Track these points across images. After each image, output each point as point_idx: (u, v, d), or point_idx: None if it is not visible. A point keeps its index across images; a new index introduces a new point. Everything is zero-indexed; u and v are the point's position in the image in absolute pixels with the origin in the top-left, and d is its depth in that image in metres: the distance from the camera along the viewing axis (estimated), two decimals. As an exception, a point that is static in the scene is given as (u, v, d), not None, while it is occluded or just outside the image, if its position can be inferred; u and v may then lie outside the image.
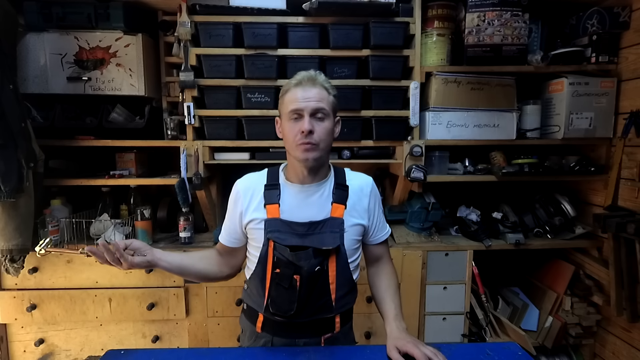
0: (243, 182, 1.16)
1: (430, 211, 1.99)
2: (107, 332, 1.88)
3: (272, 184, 1.13)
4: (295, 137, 1.05)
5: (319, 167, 1.11)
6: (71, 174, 1.97)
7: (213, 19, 1.79)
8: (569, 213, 2.02)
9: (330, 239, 1.08)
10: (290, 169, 1.14)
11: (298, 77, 1.08)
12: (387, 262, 1.25)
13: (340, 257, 1.09)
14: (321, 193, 1.12)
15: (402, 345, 0.99)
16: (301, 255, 1.05)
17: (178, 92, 1.90)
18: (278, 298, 1.08)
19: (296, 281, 1.05)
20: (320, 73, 1.10)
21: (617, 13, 1.86)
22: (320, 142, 1.05)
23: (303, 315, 1.09)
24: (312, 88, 1.05)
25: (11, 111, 1.54)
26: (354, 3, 1.73)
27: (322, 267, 1.07)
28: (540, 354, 2.05)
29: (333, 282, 1.09)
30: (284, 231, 1.08)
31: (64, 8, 1.79)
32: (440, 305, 1.94)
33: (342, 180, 1.15)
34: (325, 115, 1.06)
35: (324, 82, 1.08)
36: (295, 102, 1.04)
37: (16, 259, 1.67)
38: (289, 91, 1.07)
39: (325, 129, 1.06)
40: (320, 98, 1.05)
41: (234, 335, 1.86)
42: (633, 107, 1.84)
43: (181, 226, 1.91)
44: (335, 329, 1.15)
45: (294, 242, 1.06)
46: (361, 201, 1.15)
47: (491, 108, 1.92)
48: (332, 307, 1.11)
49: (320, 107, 1.05)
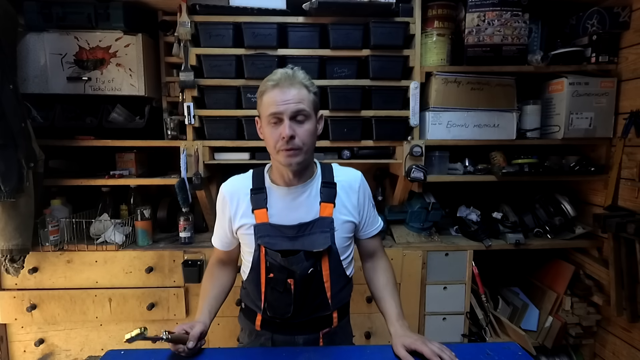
0: (228, 187, 1.13)
1: (430, 211, 1.99)
2: (107, 332, 1.88)
3: (258, 187, 1.10)
4: (276, 142, 1.00)
5: (303, 169, 1.08)
6: (71, 174, 1.97)
7: (213, 19, 1.79)
8: (569, 213, 2.02)
9: (321, 239, 1.06)
10: (275, 171, 1.11)
11: (275, 77, 1.00)
12: (382, 257, 1.23)
13: (332, 256, 1.08)
14: (308, 193, 1.09)
15: (410, 342, 0.99)
16: (293, 260, 1.04)
17: (178, 92, 1.90)
18: (274, 302, 1.08)
19: (290, 285, 1.05)
20: (298, 69, 1.04)
21: (617, 13, 1.86)
22: (303, 145, 1.00)
23: (301, 315, 1.10)
24: (290, 89, 0.99)
25: (11, 111, 1.54)
26: (354, 3, 1.73)
27: (315, 269, 1.06)
28: (540, 354, 2.05)
29: (327, 281, 1.09)
30: (274, 235, 1.06)
31: (64, 8, 1.79)
32: (440, 305, 1.94)
33: (329, 177, 1.12)
34: (306, 117, 1.01)
35: (303, 79, 1.02)
36: (274, 105, 0.98)
37: (16, 259, 1.67)
38: (266, 93, 1.01)
39: (307, 131, 1.01)
40: (299, 99, 0.99)
41: (233, 335, 1.85)
42: (633, 107, 1.84)
43: (181, 226, 1.91)
44: (333, 324, 1.15)
45: (285, 246, 1.05)
46: (350, 198, 1.12)
47: (491, 108, 1.92)
48: (329, 304, 1.11)
49: (300, 108, 0.99)
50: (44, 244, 1.79)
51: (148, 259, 1.83)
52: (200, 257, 1.83)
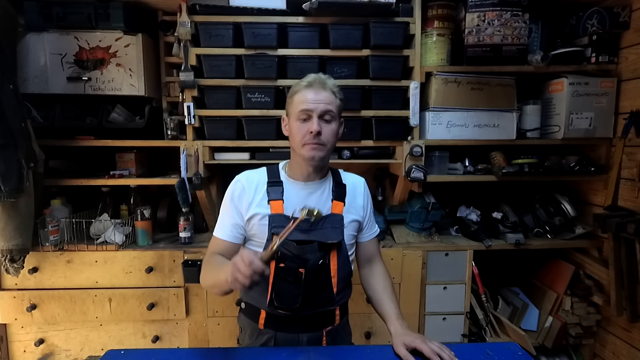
0: (245, 177, 1.18)
1: (430, 211, 1.99)
2: (107, 332, 1.88)
3: (275, 181, 1.16)
4: (303, 136, 1.09)
5: (322, 165, 1.16)
6: (71, 174, 1.97)
7: (213, 19, 1.79)
8: (569, 213, 2.02)
9: (332, 233, 1.13)
10: (293, 167, 1.18)
11: (309, 79, 1.12)
12: (379, 262, 1.28)
13: (341, 251, 1.15)
14: (322, 190, 1.17)
15: (410, 341, 1.01)
16: (307, 249, 1.09)
17: (178, 92, 1.90)
18: (283, 292, 1.10)
19: (301, 274, 1.09)
20: (329, 77, 1.15)
21: (617, 13, 1.86)
22: (327, 142, 1.11)
23: (307, 308, 1.12)
24: (322, 91, 1.10)
25: (11, 111, 1.54)
26: (354, 3, 1.73)
27: (325, 261, 1.12)
28: (540, 354, 2.05)
29: (335, 276, 1.14)
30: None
31: (64, 8, 1.79)
32: (440, 305, 1.94)
33: (339, 179, 1.22)
34: (332, 118, 1.11)
35: (333, 86, 1.13)
36: (305, 102, 1.09)
37: (16, 259, 1.67)
38: (299, 92, 1.11)
39: (332, 130, 1.11)
40: (329, 101, 1.10)
41: (234, 335, 1.85)
42: (633, 107, 1.85)
43: (181, 226, 1.91)
44: (336, 321, 1.19)
45: (299, 237, 1.09)
46: (356, 199, 1.22)
47: (491, 108, 1.92)
48: (334, 299, 1.15)
49: (329, 109, 1.10)
50: (44, 244, 1.79)
51: (148, 259, 1.83)
52: (200, 257, 1.83)
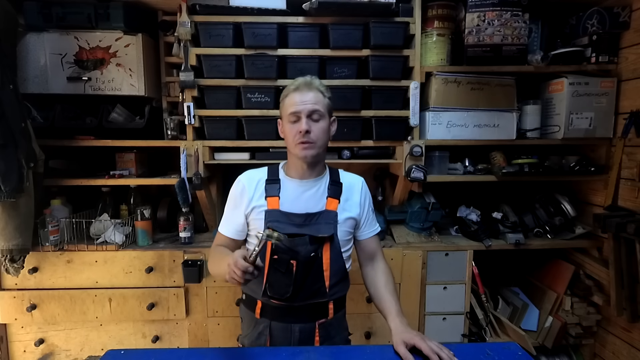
0: (246, 176, 1.26)
1: (430, 211, 1.99)
2: (107, 332, 1.88)
3: (273, 179, 1.23)
4: (294, 136, 1.16)
5: (316, 163, 1.22)
6: (71, 174, 1.97)
7: (213, 19, 1.79)
8: (569, 213, 2.02)
9: (325, 228, 1.18)
10: (290, 166, 1.25)
11: (296, 83, 1.19)
12: (381, 260, 1.30)
13: (334, 246, 1.19)
14: (317, 188, 1.23)
15: (410, 338, 1.03)
16: (298, 241, 1.15)
17: (178, 92, 1.90)
18: (276, 282, 1.16)
19: (293, 266, 1.14)
20: (315, 78, 1.21)
21: (617, 13, 1.86)
22: (317, 140, 1.16)
23: (299, 298, 1.17)
24: (308, 92, 1.16)
25: (11, 111, 1.54)
26: (354, 3, 1.73)
27: (317, 254, 1.16)
28: (540, 354, 2.05)
29: (327, 270, 1.18)
30: (283, 221, 1.17)
31: (64, 8, 1.79)
32: (440, 305, 1.94)
33: (336, 178, 1.27)
34: (320, 116, 1.17)
35: (319, 86, 1.19)
36: (294, 105, 1.16)
37: (16, 259, 1.67)
38: (288, 96, 1.19)
39: (321, 128, 1.17)
40: (315, 101, 1.16)
41: (234, 335, 1.85)
42: (633, 107, 1.85)
43: (181, 226, 1.91)
44: (329, 315, 1.23)
45: (292, 231, 1.15)
46: (353, 196, 1.26)
47: (491, 108, 1.92)
48: (326, 292, 1.19)
49: (316, 109, 1.16)
50: (44, 244, 1.80)
51: (148, 259, 1.83)
52: (200, 257, 1.83)
